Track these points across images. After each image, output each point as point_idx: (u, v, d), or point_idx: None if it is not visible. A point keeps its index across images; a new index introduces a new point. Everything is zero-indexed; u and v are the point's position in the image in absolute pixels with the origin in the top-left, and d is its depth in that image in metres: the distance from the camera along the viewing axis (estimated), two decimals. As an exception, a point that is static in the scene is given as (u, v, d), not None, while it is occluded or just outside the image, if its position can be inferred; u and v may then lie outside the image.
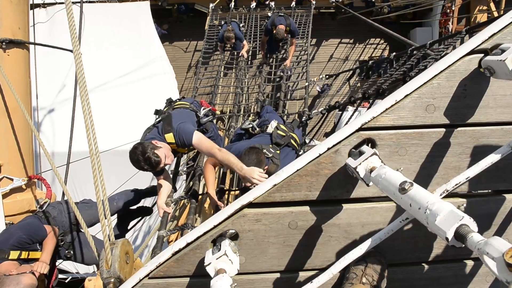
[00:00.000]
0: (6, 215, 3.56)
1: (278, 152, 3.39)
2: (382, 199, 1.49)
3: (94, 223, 3.83)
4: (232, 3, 10.02)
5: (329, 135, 1.45)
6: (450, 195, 1.42)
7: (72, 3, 2.10)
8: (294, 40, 8.09)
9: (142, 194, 4.40)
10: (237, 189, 4.79)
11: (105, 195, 2.03)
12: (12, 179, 3.60)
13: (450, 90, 1.38)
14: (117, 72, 7.23)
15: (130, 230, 4.74)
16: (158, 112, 3.66)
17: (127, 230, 4.60)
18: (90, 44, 7.17)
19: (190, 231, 1.45)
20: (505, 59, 1.19)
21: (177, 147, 3.30)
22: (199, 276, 1.45)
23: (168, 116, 3.37)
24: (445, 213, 0.95)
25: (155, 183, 3.93)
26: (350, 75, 7.76)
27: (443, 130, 1.42)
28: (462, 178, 1.18)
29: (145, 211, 4.68)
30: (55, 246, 3.47)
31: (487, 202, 1.54)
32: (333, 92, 10.56)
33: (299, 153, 3.86)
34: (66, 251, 3.71)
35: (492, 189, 1.55)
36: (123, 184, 4.98)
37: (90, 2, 8.65)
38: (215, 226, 1.41)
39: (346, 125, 1.43)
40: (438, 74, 1.37)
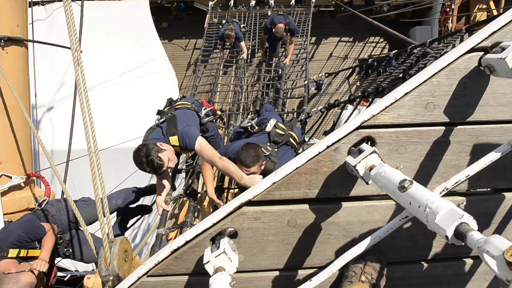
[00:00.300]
0: (4, 213, 3.56)
1: (276, 150, 3.39)
2: (381, 197, 1.49)
3: (93, 221, 3.83)
4: (231, 1, 10.00)
5: (328, 134, 1.45)
6: (450, 194, 1.41)
7: (71, 1, 2.09)
8: (293, 38, 8.09)
9: (142, 192, 4.40)
10: (236, 187, 4.79)
11: (104, 193, 2.02)
12: (10, 177, 3.59)
13: (450, 88, 1.37)
14: (116, 70, 7.22)
15: (129, 229, 4.74)
16: (160, 112, 3.65)
17: (127, 228, 4.60)
18: (89, 42, 7.15)
19: (189, 229, 1.44)
20: (505, 57, 1.18)
21: (180, 150, 3.29)
22: (198, 274, 1.44)
23: (173, 117, 3.34)
24: (445, 211, 0.95)
25: (155, 182, 3.93)
26: (349, 74, 7.74)
27: (443, 128, 1.41)
28: (462, 176, 1.17)
29: (144, 210, 4.68)
30: (54, 244, 3.47)
31: (487, 201, 1.53)
32: (332, 90, 10.55)
33: (298, 151, 3.86)
34: (65, 249, 3.71)
35: (491, 187, 1.54)
36: (122, 182, 4.98)
37: (89, -1, 8.62)
38: (214, 224, 1.40)
39: (346, 123, 1.43)
40: (438, 72, 1.36)
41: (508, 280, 0.77)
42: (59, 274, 5.70)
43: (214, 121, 4.05)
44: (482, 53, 1.34)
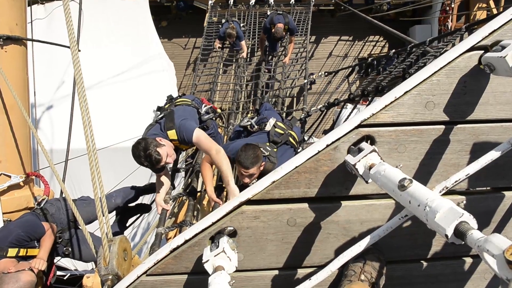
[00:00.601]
0: (3, 212, 3.55)
1: (275, 150, 3.38)
2: (381, 196, 1.48)
3: (92, 220, 3.82)
4: (231, 0, 9.98)
5: (328, 133, 1.45)
6: (449, 193, 1.41)
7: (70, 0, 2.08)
8: (293, 37, 8.07)
9: (141, 191, 4.40)
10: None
11: (102, 192, 2.02)
12: (10, 176, 3.59)
13: (449, 87, 1.37)
14: (115, 69, 7.21)
15: (128, 227, 4.74)
16: (160, 109, 3.66)
17: (126, 227, 4.60)
18: (88, 40, 7.14)
19: (188, 228, 1.44)
20: (505, 56, 1.18)
21: (179, 144, 3.29)
22: (197, 273, 1.44)
23: (170, 112, 3.36)
24: (444, 210, 0.94)
25: (154, 180, 3.93)
26: (349, 72, 7.73)
27: (443, 127, 1.41)
28: (461, 175, 1.17)
29: (143, 209, 4.68)
30: (53, 243, 3.46)
31: (486, 200, 1.53)
32: (332, 89, 10.54)
33: (298, 150, 3.85)
34: (64, 248, 3.70)
35: (491, 186, 1.54)
36: (122, 181, 4.97)
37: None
38: (213, 223, 1.40)
39: (345, 122, 1.42)
40: (438, 71, 1.36)
41: (508, 279, 0.77)
42: (59, 273, 5.69)
43: (214, 119, 4.05)
44: (482, 51, 1.34)
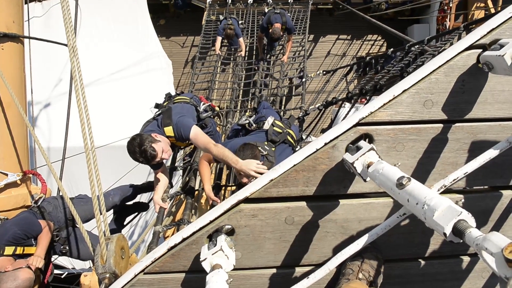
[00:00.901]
0: (0, 211, 3.54)
1: (273, 149, 3.38)
2: (379, 195, 1.48)
3: (90, 219, 3.81)
4: (229, -1, 9.98)
5: (326, 131, 1.44)
6: (447, 191, 1.41)
7: (67, -4, 2.07)
8: (291, 36, 8.06)
9: (138, 189, 4.39)
10: (233, 184, 4.78)
11: (100, 191, 2.01)
12: (6, 174, 3.57)
13: (448, 85, 1.37)
14: (113, 67, 7.19)
15: (126, 226, 4.73)
16: (158, 106, 3.65)
17: (123, 225, 4.59)
18: (86, 38, 7.12)
19: (186, 226, 1.44)
20: (503, 54, 1.18)
21: (176, 141, 3.29)
22: (195, 271, 1.44)
23: (168, 109, 3.36)
24: (443, 208, 0.94)
25: (152, 179, 3.92)
26: (347, 71, 7.74)
27: (441, 125, 1.41)
28: (460, 174, 1.17)
29: (141, 207, 4.67)
30: (50, 241, 3.45)
31: (484, 198, 1.53)
32: (330, 88, 10.54)
33: (296, 149, 3.85)
34: (62, 247, 3.69)
35: (489, 185, 1.54)
36: (119, 179, 4.96)
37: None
38: (211, 222, 1.40)
39: (344, 120, 1.42)
40: (436, 69, 1.36)
41: (507, 277, 0.77)
42: (56, 271, 5.67)
43: (213, 117, 4.04)
44: (481, 50, 1.34)
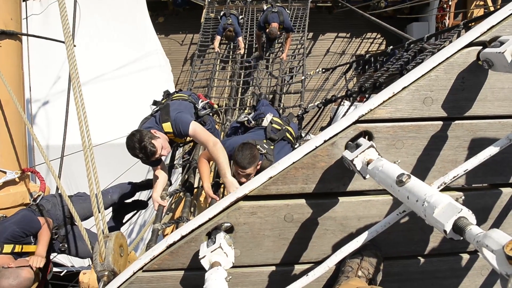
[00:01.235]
0: (-1, 208, 3.53)
1: (272, 147, 3.38)
2: (378, 193, 1.48)
3: (89, 217, 3.81)
4: (228, -4, 9.96)
5: (325, 129, 1.44)
6: (447, 189, 1.41)
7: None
8: (289, 34, 8.04)
9: (137, 187, 4.38)
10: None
11: (98, 189, 2.00)
12: (5, 172, 3.56)
13: (448, 82, 1.36)
14: (112, 65, 7.17)
15: (125, 224, 4.72)
16: (156, 103, 3.64)
17: (122, 223, 4.58)
18: (85, 36, 7.09)
19: (185, 224, 1.43)
20: (504, 51, 1.17)
21: (174, 137, 3.28)
22: (194, 269, 1.44)
23: (166, 105, 3.35)
24: (443, 205, 0.94)
25: (151, 176, 3.91)
26: (346, 69, 7.74)
27: (441, 123, 1.41)
28: (460, 171, 1.17)
29: (140, 205, 4.66)
30: (50, 239, 3.45)
31: (484, 196, 1.53)
32: (329, 86, 10.54)
33: (295, 146, 3.85)
34: (61, 244, 3.68)
35: (488, 182, 1.54)
36: (118, 177, 4.95)
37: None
38: (210, 219, 1.39)
39: (343, 117, 1.41)
40: (436, 67, 1.35)
41: (508, 274, 0.76)
42: (55, 269, 5.68)
43: (211, 115, 4.03)
44: (481, 47, 1.33)
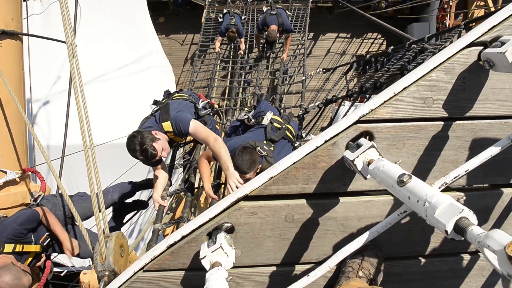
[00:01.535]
0: (0, 208, 3.53)
1: (272, 148, 3.38)
2: (379, 193, 1.48)
3: (89, 216, 3.80)
4: (229, -4, 9.96)
5: (325, 129, 1.44)
6: (448, 189, 1.41)
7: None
8: (289, 34, 8.03)
9: (138, 186, 4.38)
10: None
11: (99, 188, 2.00)
12: (5, 172, 3.56)
13: (449, 83, 1.36)
14: (112, 65, 7.17)
15: (125, 224, 4.72)
16: (156, 102, 3.65)
17: (123, 223, 4.58)
18: (85, 36, 7.09)
19: (186, 224, 1.43)
20: (505, 52, 1.17)
21: (174, 136, 3.28)
22: (195, 269, 1.43)
23: (166, 105, 3.36)
24: (444, 205, 0.94)
25: (151, 177, 3.91)
26: (347, 69, 7.73)
27: (441, 123, 1.40)
28: (461, 171, 1.16)
29: (140, 205, 4.66)
30: (50, 239, 3.45)
31: (485, 196, 1.53)
32: (330, 86, 10.53)
33: (295, 144, 3.85)
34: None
35: (489, 183, 1.54)
36: (119, 177, 4.95)
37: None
38: (211, 219, 1.39)
39: (344, 117, 1.41)
40: (437, 67, 1.35)
41: (509, 275, 0.76)
42: (55, 269, 5.68)
43: (212, 114, 4.03)
44: (482, 47, 1.33)
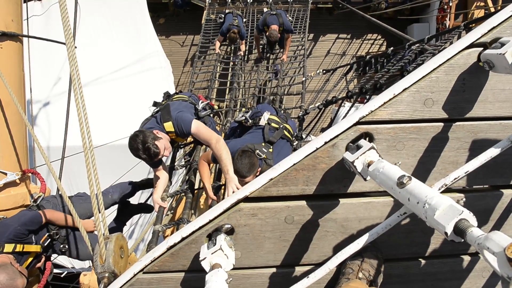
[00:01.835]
0: (0, 210, 3.53)
1: (271, 150, 3.38)
2: (379, 194, 1.48)
3: (89, 217, 3.80)
4: (229, -2, 9.97)
5: (325, 131, 1.44)
6: (448, 191, 1.40)
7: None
8: (289, 35, 8.04)
9: (138, 186, 4.38)
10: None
11: (99, 190, 2.00)
12: (5, 173, 3.56)
13: (448, 84, 1.36)
14: (112, 66, 7.17)
15: (126, 225, 4.72)
16: (156, 104, 3.66)
17: (125, 224, 4.58)
18: (85, 37, 7.10)
19: (186, 226, 1.43)
20: (505, 53, 1.17)
21: (176, 136, 3.29)
22: (194, 271, 1.43)
23: (166, 106, 3.37)
24: (444, 207, 0.93)
25: (151, 177, 3.91)
26: (347, 70, 7.73)
27: (441, 124, 1.40)
28: (461, 173, 1.16)
29: (146, 208, 4.65)
30: (50, 239, 3.45)
31: (485, 198, 1.53)
32: (330, 87, 10.53)
33: (294, 143, 3.85)
34: (61, 246, 3.67)
35: (489, 184, 1.54)
36: (119, 179, 4.95)
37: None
38: (211, 221, 1.39)
39: (344, 119, 1.41)
40: (437, 68, 1.35)
41: (509, 277, 0.76)
42: (55, 271, 5.67)
43: (212, 116, 4.04)
44: (481, 48, 1.33)
